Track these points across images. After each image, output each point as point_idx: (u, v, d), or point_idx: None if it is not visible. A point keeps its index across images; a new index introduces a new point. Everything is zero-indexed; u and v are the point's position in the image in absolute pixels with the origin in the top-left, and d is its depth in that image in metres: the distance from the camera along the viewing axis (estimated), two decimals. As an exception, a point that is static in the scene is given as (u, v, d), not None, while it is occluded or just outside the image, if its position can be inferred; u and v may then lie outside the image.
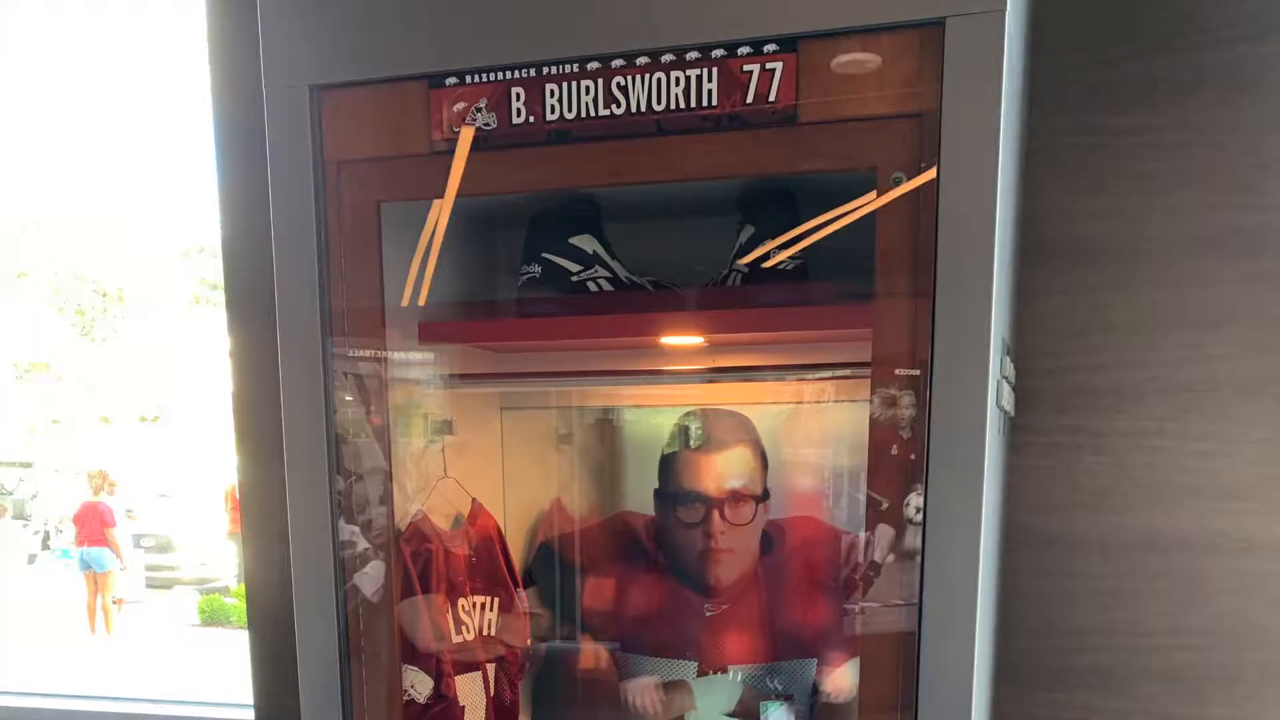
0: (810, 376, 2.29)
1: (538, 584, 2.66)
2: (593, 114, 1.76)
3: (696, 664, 2.48)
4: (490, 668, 2.45)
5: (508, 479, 2.68)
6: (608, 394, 2.67)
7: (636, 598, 2.59)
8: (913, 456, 1.66)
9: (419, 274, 1.98)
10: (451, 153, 1.82)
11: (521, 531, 2.71)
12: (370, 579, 1.98)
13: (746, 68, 1.68)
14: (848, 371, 2.17)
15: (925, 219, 1.60)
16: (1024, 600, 2.36)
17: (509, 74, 1.78)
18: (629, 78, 1.73)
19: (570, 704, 2.73)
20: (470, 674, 2.40)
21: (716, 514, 2.37)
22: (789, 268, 2.09)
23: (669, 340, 2.33)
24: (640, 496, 2.56)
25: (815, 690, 2.43)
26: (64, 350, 24.60)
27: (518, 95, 1.78)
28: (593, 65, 1.74)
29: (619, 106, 1.74)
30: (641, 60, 1.72)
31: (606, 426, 2.73)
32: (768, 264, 2.09)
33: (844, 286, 1.93)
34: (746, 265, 2.13)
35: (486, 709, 2.44)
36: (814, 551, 2.46)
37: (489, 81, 1.79)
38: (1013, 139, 1.74)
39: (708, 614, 2.47)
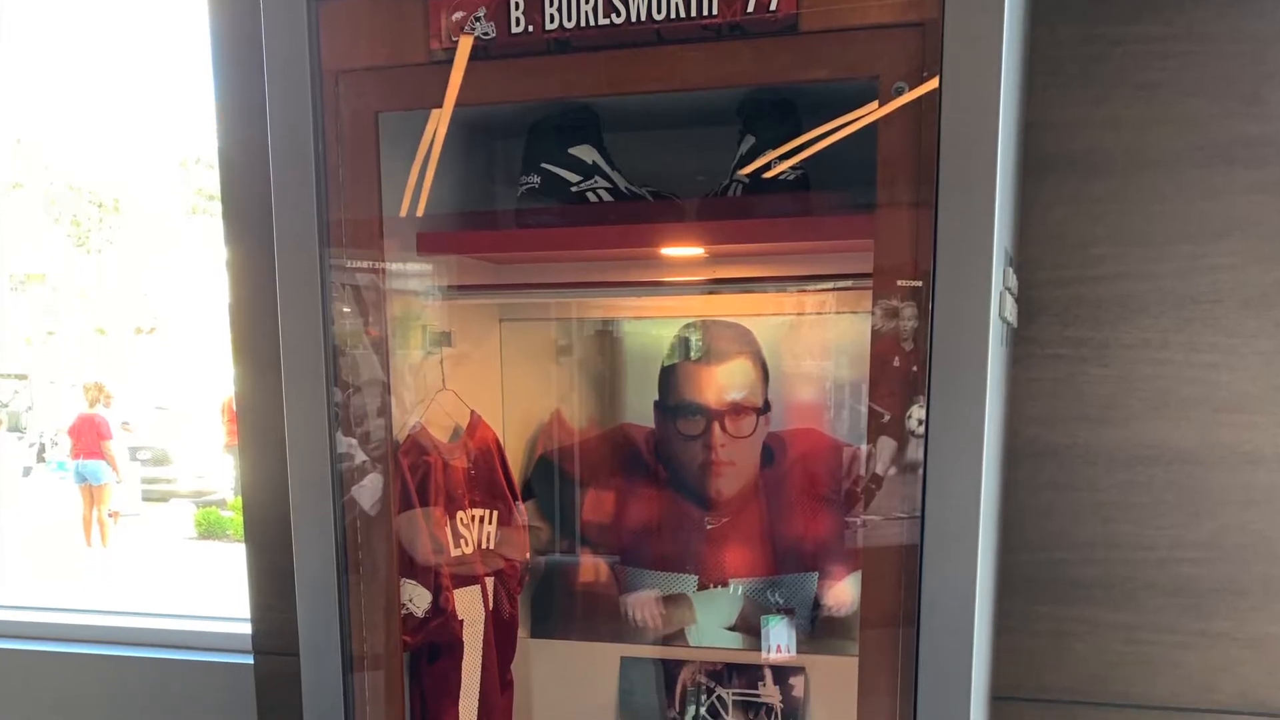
0: (811, 288, 2.28)
1: (537, 497, 2.66)
2: (592, 23, 1.74)
3: (697, 578, 2.49)
4: (489, 581, 2.45)
5: (507, 391, 2.68)
6: (607, 305, 2.66)
7: (636, 511, 2.59)
8: (915, 368, 1.66)
9: (417, 184, 1.97)
10: (450, 62, 1.80)
11: (521, 444, 2.71)
12: (368, 492, 1.98)
13: (748, -25, 1.66)
14: (849, 283, 2.16)
15: (927, 129, 1.59)
16: (1027, 513, 2.36)
17: (507, -18, 1.76)
18: (629, -15, 1.71)
19: (570, 618, 2.74)
20: (469, 588, 2.40)
21: (717, 426, 2.37)
22: (790, 178, 2.08)
23: (669, 251, 2.31)
24: (640, 408, 2.57)
25: (816, 604, 2.44)
26: (60, 261, 24.49)
27: (517, 4, 1.76)
28: (592, -28, 1.72)
29: (619, 15, 1.72)
30: (642, -33, 1.70)
31: (606, 338, 2.72)
32: (769, 174, 2.07)
33: (845, 197, 1.92)
34: (747, 176, 2.11)
35: (485, 623, 2.44)
36: (815, 464, 2.46)
37: (487, -11, 1.77)
38: (1016, 48, 1.73)
39: (708, 527, 2.48)
